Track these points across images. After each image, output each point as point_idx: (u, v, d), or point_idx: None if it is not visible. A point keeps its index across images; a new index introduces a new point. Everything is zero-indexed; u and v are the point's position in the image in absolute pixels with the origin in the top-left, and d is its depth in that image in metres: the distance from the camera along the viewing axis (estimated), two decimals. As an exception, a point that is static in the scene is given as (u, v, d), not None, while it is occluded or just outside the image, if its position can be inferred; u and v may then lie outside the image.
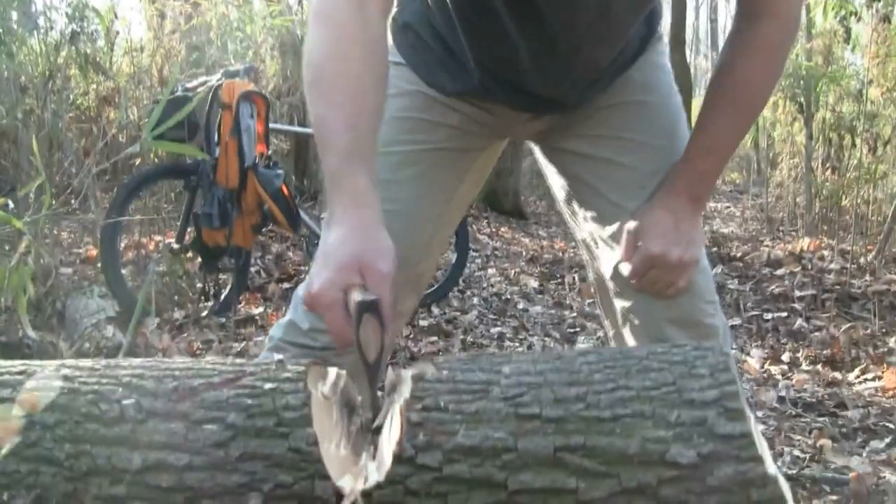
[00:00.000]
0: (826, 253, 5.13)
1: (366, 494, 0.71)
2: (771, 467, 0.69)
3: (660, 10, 1.45)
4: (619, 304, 1.42)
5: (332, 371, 0.85)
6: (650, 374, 0.75)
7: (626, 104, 1.41)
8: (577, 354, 0.81)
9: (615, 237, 1.38)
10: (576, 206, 1.48)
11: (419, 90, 1.40)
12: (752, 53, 1.27)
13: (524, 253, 5.79)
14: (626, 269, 1.34)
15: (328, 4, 1.13)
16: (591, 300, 4.38)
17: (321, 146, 1.09)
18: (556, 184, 1.52)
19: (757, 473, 0.69)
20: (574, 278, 5.00)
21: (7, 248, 2.94)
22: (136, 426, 0.75)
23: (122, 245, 3.84)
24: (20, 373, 0.83)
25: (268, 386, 0.77)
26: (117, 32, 5.06)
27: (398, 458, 0.71)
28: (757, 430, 0.73)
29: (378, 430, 0.80)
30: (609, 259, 1.41)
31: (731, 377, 0.74)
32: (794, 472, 2.23)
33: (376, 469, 0.73)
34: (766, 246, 5.74)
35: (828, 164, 6.13)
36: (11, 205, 2.19)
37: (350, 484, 0.72)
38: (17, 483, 0.74)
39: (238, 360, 0.84)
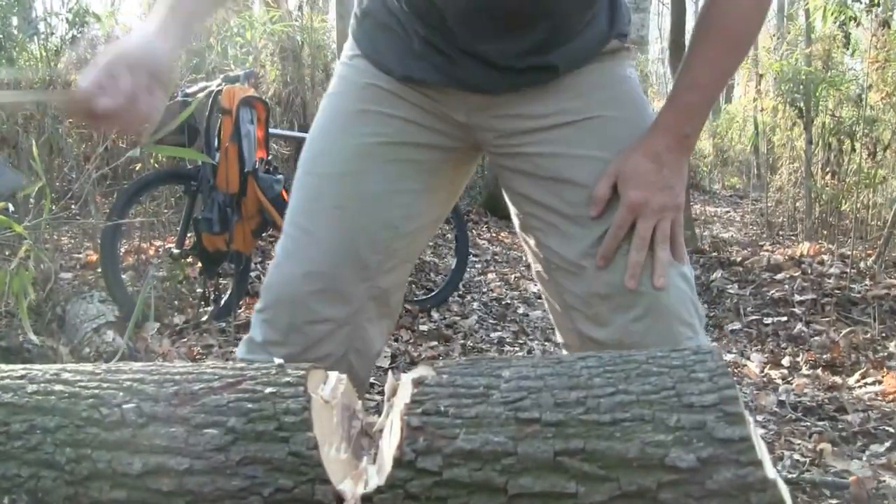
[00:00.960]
0: (826, 257, 5.13)
1: (366, 499, 0.71)
2: (770, 471, 0.69)
3: (626, 12, 1.41)
4: (592, 333, 1.33)
5: (333, 375, 0.85)
6: (650, 379, 0.76)
7: (588, 120, 1.34)
8: (577, 358, 0.81)
9: (579, 262, 1.30)
10: (534, 231, 1.40)
11: (371, 83, 1.39)
12: None
13: (524, 258, 5.79)
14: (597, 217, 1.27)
15: None
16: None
17: None
18: (514, 209, 1.44)
19: (756, 477, 0.69)
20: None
21: (7, 252, 2.94)
22: (136, 430, 0.75)
23: (123, 250, 3.84)
24: (21, 377, 0.83)
25: (268, 390, 0.77)
26: (118, 38, 5.06)
27: (398, 462, 0.72)
28: (756, 434, 0.73)
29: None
30: (573, 287, 1.33)
31: (729, 381, 0.74)
32: (795, 476, 2.23)
33: (376, 473, 0.74)
34: (766, 250, 5.74)
35: (827, 169, 6.13)
36: (12, 208, 2.19)
37: (350, 488, 0.73)
38: (17, 487, 0.75)
39: (238, 365, 0.84)
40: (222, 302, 3.63)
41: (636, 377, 0.76)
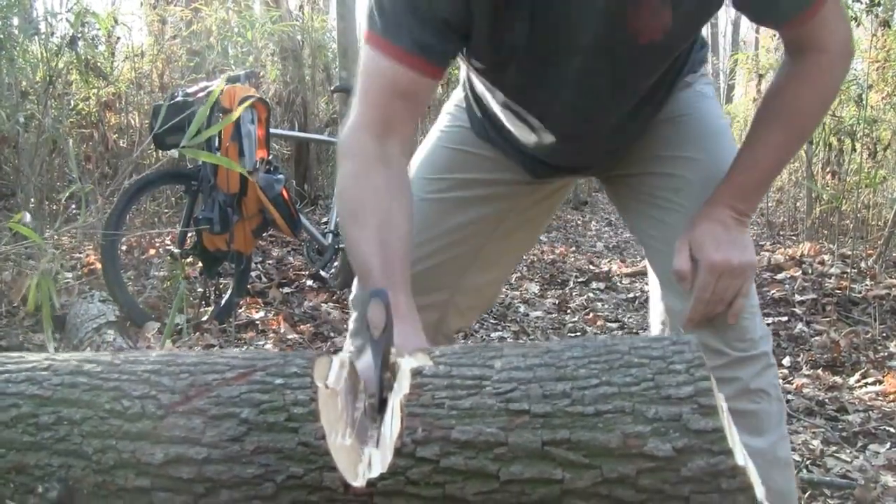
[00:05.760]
0: (826, 257, 5.14)
1: (370, 484, 0.76)
2: (740, 459, 0.75)
3: (698, 54, 1.51)
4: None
5: (336, 360, 0.90)
6: (631, 370, 0.81)
7: (658, 123, 1.45)
8: (565, 348, 0.86)
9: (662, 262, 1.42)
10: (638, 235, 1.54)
11: (465, 126, 1.57)
12: (801, 83, 1.31)
13: (525, 258, 5.80)
14: (685, 284, 1.35)
15: (353, 141, 1.24)
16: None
17: (357, 270, 1.21)
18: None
19: (727, 465, 0.74)
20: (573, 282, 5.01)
21: (14, 259, 2.95)
22: (156, 422, 0.80)
23: (123, 249, 3.85)
24: (45, 368, 0.87)
25: (277, 381, 0.82)
26: (118, 38, 5.07)
27: (399, 452, 0.77)
28: (729, 421, 0.78)
29: (384, 407, 0.87)
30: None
31: (705, 373, 0.80)
32: (795, 476, 2.23)
33: (379, 460, 0.78)
34: (767, 250, 5.75)
35: (828, 169, 6.14)
36: (28, 217, 2.19)
37: (355, 475, 0.77)
38: (49, 476, 0.80)
39: (247, 354, 0.88)
40: (223, 302, 3.63)
41: (619, 368, 0.81)
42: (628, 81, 1.33)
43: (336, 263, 4.24)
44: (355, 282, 1.58)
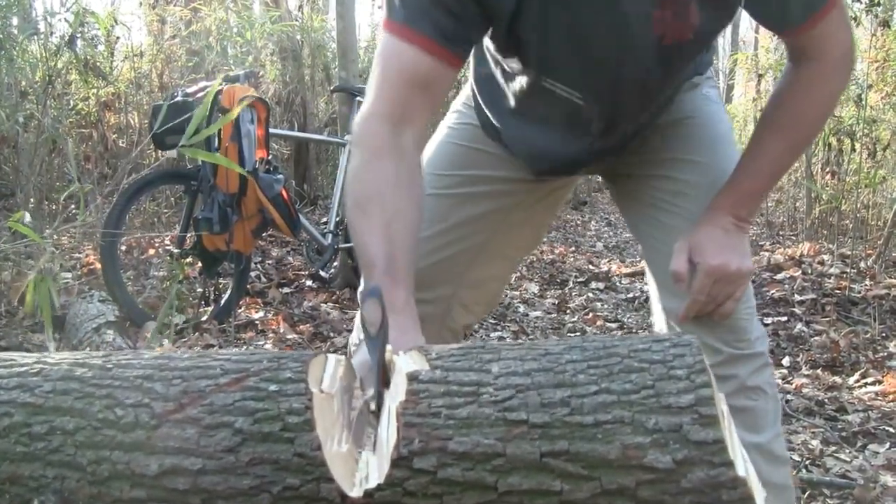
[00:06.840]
0: (826, 257, 5.13)
1: (367, 495, 0.75)
2: (741, 469, 0.74)
3: (706, 56, 1.51)
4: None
5: (332, 358, 0.89)
6: (631, 376, 0.79)
7: (664, 125, 1.46)
8: (563, 350, 0.84)
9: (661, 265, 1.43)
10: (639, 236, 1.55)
11: (474, 124, 1.57)
12: (801, 91, 1.33)
13: (525, 258, 5.79)
14: (682, 286, 1.36)
15: (366, 130, 1.22)
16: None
17: (361, 262, 1.16)
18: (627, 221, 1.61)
19: (728, 477, 0.73)
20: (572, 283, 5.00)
21: (14, 258, 2.94)
22: (150, 432, 0.79)
23: (123, 249, 3.84)
24: (37, 373, 0.86)
25: (272, 387, 0.81)
26: (117, 38, 5.07)
27: (396, 463, 0.75)
28: (731, 429, 0.77)
29: (381, 403, 0.85)
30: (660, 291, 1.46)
31: (706, 379, 0.78)
32: (794, 475, 2.23)
33: (376, 471, 0.77)
34: (766, 250, 5.74)
35: (827, 169, 6.12)
36: (28, 217, 2.19)
37: (353, 486, 0.76)
38: (44, 487, 0.79)
39: (241, 356, 0.86)
40: (222, 302, 3.62)
41: (618, 373, 0.80)
42: (651, 83, 1.35)
43: (336, 263, 4.24)
44: None
